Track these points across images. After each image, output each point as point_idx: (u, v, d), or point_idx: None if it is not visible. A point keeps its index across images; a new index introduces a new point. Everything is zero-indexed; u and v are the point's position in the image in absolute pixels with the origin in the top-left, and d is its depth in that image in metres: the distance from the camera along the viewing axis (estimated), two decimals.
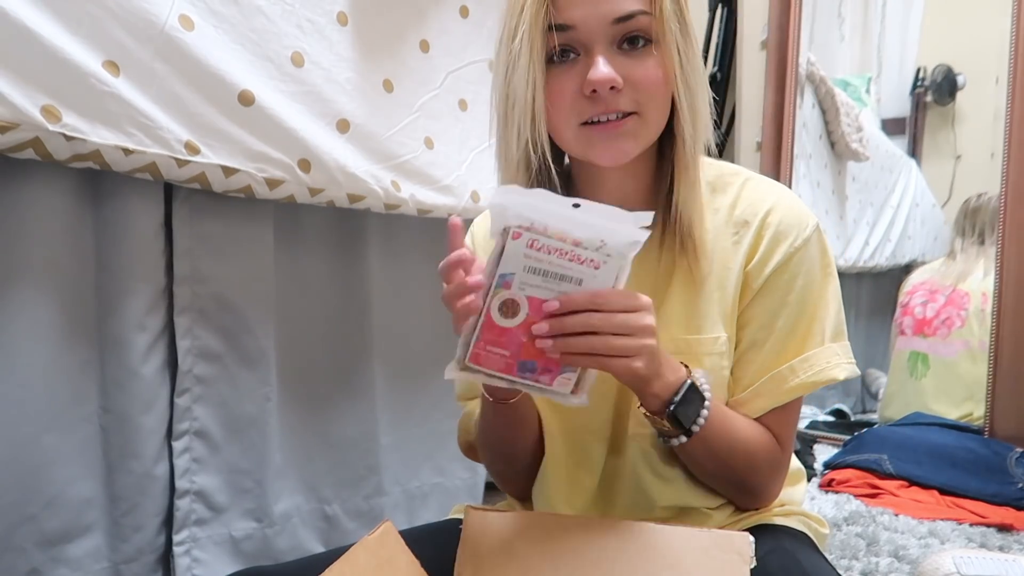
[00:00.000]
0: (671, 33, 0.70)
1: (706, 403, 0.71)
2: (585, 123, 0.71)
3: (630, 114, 0.71)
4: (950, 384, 2.12)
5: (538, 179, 0.75)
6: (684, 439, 0.72)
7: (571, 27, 0.69)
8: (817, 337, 0.77)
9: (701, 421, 0.71)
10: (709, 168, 0.79)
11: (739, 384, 0.78)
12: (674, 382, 0.70)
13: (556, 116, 0.72)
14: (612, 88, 0.69)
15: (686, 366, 0.72)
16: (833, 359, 0.77)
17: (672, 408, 0.70)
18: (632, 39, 0.70)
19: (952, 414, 2.08)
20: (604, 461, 0.82)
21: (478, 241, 0.89)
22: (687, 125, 0.73)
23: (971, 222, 2.20)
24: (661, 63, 0.70)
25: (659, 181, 0.77)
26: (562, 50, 0.70)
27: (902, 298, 2.32)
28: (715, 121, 0.77)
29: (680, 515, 0.81)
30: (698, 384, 0.71)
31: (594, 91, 0.69)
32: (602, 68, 0.68)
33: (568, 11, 0.69)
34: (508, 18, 0.72)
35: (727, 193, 0.79)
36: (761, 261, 0.76)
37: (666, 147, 0.76)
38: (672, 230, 0.76)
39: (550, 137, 0.74)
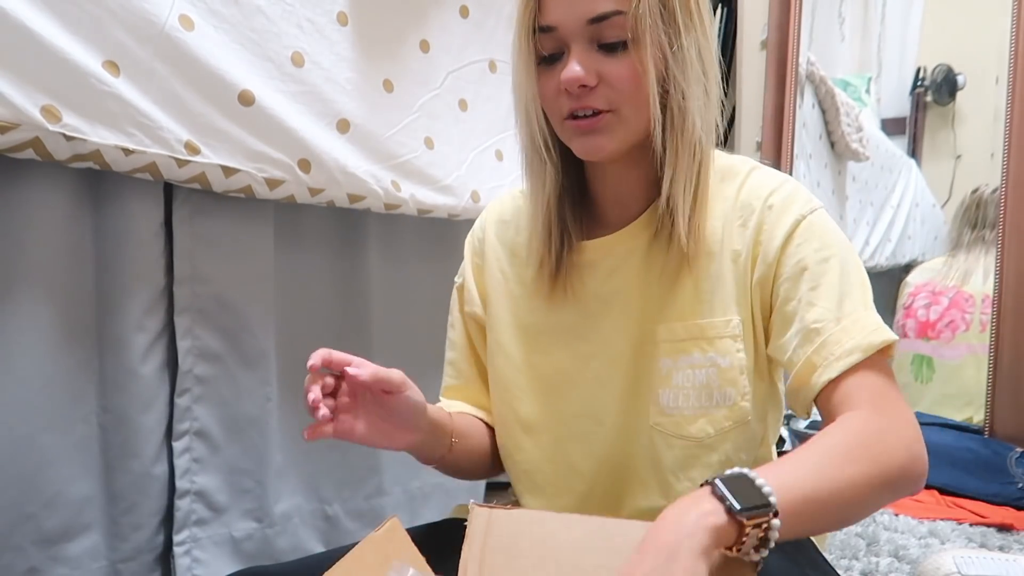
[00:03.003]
0: (652, 31, 0.71)
1: (748, 472, 0.57)
2: (567, 117, 0.75)
3: (605, 112, 0.73)
4: (956, 388, 2.12)
5: (555, 169, 0.80)
6: (776, 521, 0.54)
7: (554, 28, 0.73)
8: (854, 300, 0.72)
9: (765, 488, 0.55)
10: (721, 159, 0.81)
11: (812, 365, 0.71)
12: (696, 493, 0.56)
13: (547, 112, 0.77)
14: (583, 86, 0.72)
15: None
16: (877, 322, 0.72)
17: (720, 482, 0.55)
18: (609, 37, 0.72)
19: (955, 418, 2.07)
20: (605, 452, 0.81)
21: (488, 241, 0.90)
22: (677, 119, 0.74)
23: (982, 213, 2.18)
24: (639, 61, 0.71)
25: (663, 171, 0.77)
26: (551, 50, 0.74)
27: (904, 300, 2.31)
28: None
29: None
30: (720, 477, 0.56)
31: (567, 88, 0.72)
32: (573, 68, 0.71)
33: (549, 13, 0.73)
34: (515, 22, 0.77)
35: (734, 181, 0.80)
36: (769, 233, 0.75)
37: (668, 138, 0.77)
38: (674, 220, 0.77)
39: None
